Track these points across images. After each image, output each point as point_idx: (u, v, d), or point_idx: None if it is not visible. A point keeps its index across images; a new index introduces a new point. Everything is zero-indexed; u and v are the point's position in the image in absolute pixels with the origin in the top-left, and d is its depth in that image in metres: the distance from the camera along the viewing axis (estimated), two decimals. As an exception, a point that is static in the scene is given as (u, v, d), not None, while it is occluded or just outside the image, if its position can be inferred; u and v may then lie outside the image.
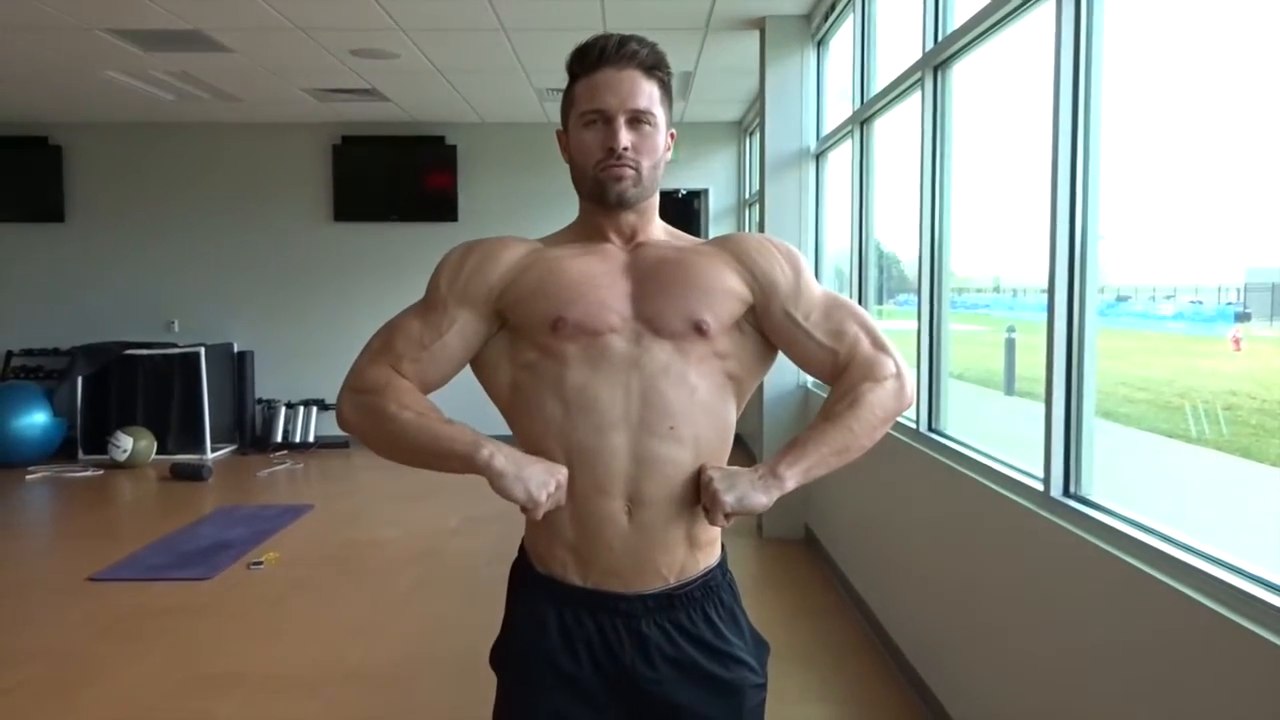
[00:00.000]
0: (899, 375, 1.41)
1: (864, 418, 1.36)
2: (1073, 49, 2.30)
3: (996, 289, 9.42)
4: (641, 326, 1.35)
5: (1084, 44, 2.28)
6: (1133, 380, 7.55)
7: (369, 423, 1.37)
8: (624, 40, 1.37)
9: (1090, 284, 2.30)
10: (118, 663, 3.63)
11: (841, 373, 1.41)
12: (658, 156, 1.39)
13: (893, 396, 1.39)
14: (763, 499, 1.30)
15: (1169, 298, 7.03)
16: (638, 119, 1.36)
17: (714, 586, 1.41)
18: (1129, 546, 1.97)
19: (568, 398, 1.33)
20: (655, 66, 1.39)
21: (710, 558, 1.42)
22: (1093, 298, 2.31)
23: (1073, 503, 2.28)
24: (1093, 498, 2.27)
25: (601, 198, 1.37)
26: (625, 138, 1.35)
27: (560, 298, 1.35)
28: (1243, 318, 5.71)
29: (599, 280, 1.37)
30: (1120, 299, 7.00)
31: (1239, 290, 5.68)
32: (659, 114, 1.38)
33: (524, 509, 1.29)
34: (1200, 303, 6.62)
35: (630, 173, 1.36)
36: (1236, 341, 6.00)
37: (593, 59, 1.37)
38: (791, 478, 1.32)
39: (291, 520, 5.78)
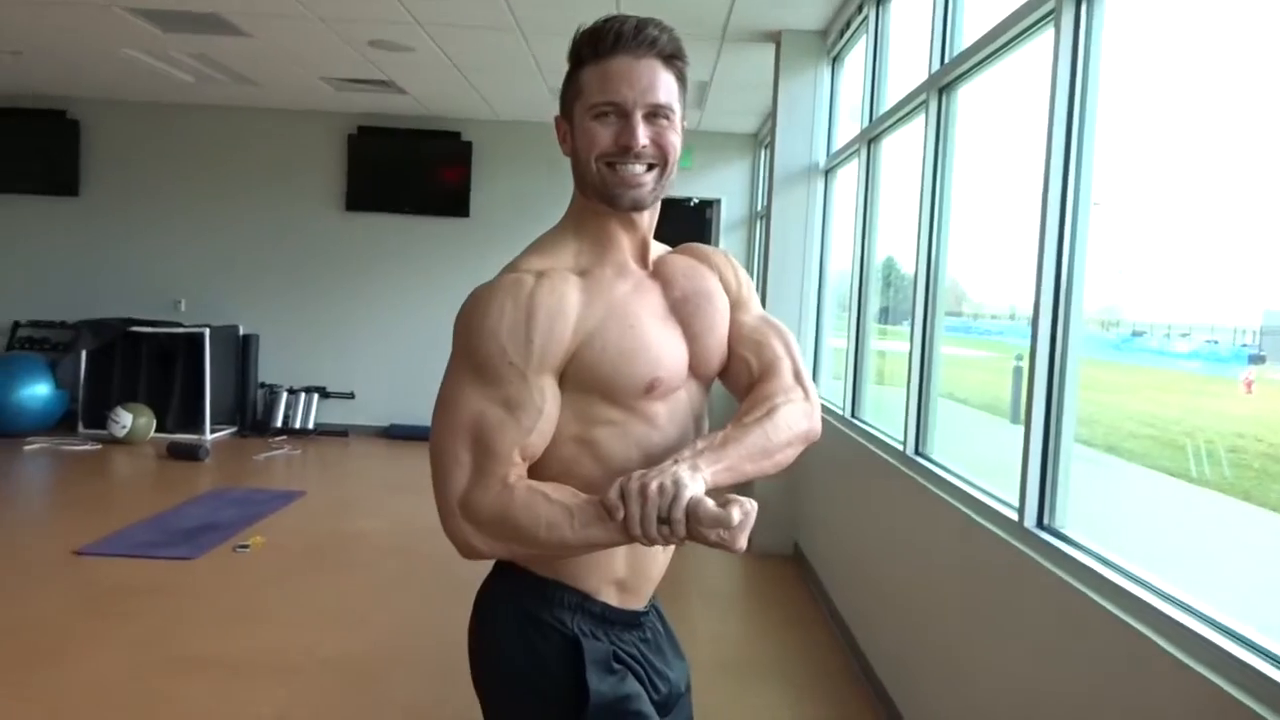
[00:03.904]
0: (809, 399, 1.36)
1: (779, 428, 1.28)
2: (1068, 78, 2.28)
3: (1012, 316, 9.36)
4: (693, 373, 1.36)
5: (1085, 73, 2.25)
6: (1140, 415, 7.49)
7: (514, 548, 1.25)
8: (641, 24, 1.25)
9: (1075, 313, 2.27)
10: (91, 638, 3.63)
11: (753, 387, 1.35)
12: (675, 155, 1.28)
13: (804, 416, 1.33)
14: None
15: (1184, 335, 6.97)
16: (655, 113, 1.25)
17: None
18: (1092, 581, 1.94)
19: (650, 451, 1.28)
20: (675, 55, 1.28)
21: None
22: (1077, 327, 2.28)
23: (1044, 534, 2.25)
24: (1065, 530, 2.24)
25: (612, 201, 1.28)
26: (643, 134, 1.24)
27: (648, 357, 1.27)
28: (1257, 360, 5.66)
29: (666, 327, 1.31)
30: (1135, 334, 6.97)
31: (1255, 333, 5.62)
32: (677, 109, 1.28)
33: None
34: (1215, 342, 6.56)
35: (647, 176, 1.27)
36: (1249, 384, 5.94)
37: (607, 44, 1.24)
38: (710, 476, 1.19)
39: (282, 505, 5.79)
